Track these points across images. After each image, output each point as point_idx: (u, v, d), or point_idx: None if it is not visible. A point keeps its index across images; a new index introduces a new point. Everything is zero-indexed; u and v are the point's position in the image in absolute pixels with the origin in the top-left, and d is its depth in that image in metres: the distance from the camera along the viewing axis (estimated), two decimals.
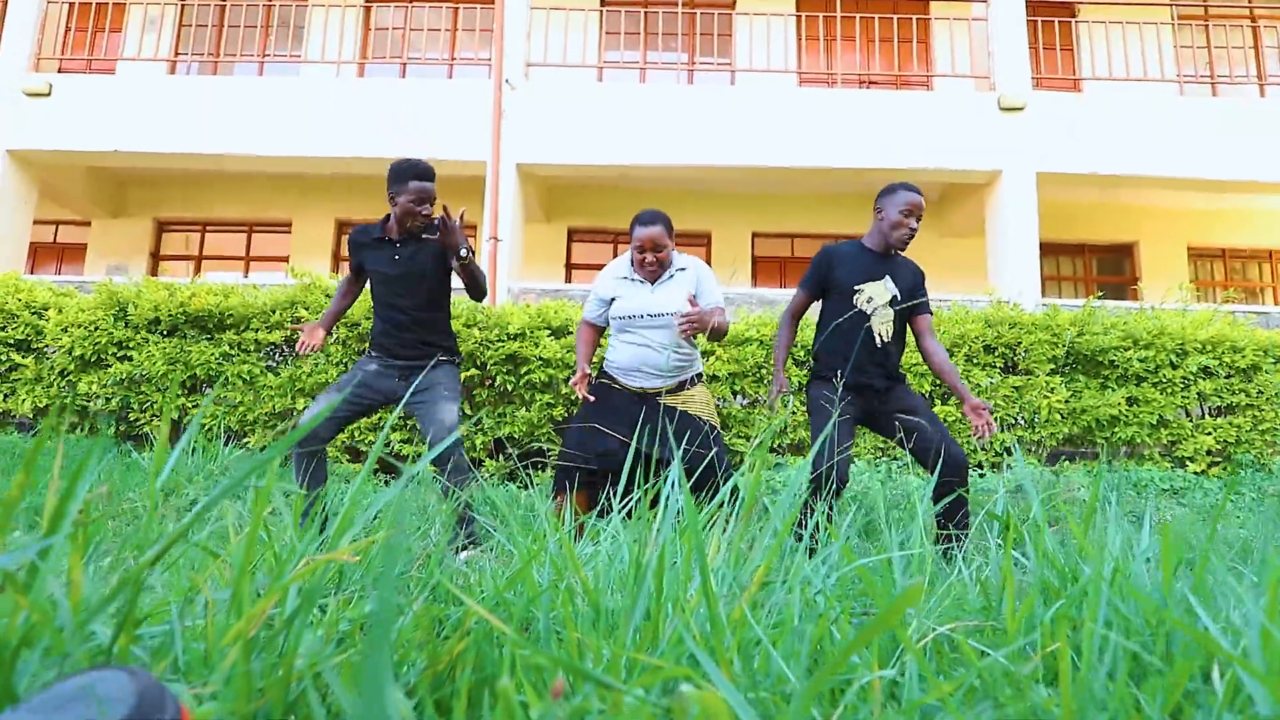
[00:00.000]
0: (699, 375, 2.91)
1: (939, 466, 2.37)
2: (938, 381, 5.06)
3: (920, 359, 4.97)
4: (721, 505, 2.83)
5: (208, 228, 9.93)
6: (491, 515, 3.61)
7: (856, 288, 2.79)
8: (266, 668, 0.62)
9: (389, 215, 2.90)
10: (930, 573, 1.13)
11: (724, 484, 2.75)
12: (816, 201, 9.18)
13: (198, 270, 9.74)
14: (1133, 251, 9.73)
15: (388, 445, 5.02)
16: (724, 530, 1.72)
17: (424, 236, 2.82)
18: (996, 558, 1.10)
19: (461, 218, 2.82)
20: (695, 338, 2.85)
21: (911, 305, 2.85)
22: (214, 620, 0.67)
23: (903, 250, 2.85)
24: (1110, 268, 9.87)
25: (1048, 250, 9.46)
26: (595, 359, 5.12)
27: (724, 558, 0.93)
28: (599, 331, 3.02)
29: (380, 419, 5.09)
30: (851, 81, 9.05)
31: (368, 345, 2.97)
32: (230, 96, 8.14)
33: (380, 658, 0.31)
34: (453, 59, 9.14)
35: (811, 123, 7.89)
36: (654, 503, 2.54)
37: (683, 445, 2.67)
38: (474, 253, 2.77)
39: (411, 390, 2.85)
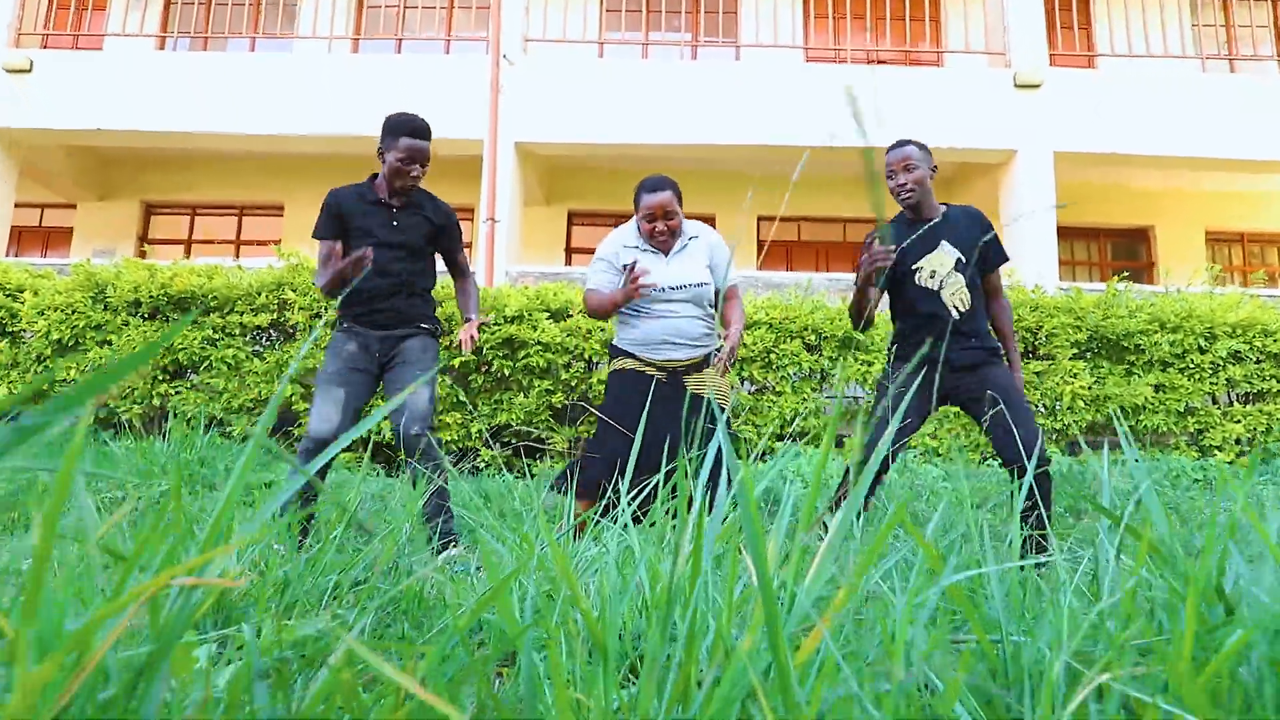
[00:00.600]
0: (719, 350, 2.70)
1: (1021, 459, 2.16)
2: None
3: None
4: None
5: (197, 211, 9.66)
6: (484, 505, 3.38)
7: (914, 267, 2.52)
8: None
9: (375, 175, 2.66)
10: (1027, 582, 0.91)
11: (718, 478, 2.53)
12: (825, 184, 8.90)
13: (187, 255, 9.48)
14: (1148, 235, 9.47)
15: (378, 433, 4.79)
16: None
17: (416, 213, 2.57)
18: (1110, 565, 0.87)
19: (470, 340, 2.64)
20: (715, 318, 2.62)
21: (981, 258, 2.55)
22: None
23: (912, 205, 2.52)
24: (1125, 252, 9.61)
25: (1061, 234, 9.19)
26: (604, 345, 4.90)
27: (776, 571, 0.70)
28: None
29: (370, 407, 4.85)
30: (860, 58, 8.76)
31: (336, 320, 2.68)
32: (219, 73, 7.86)
33: None
34: (449, 35, 8.85)
35: (818, 101, 7.61)
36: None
37: (696, 436, 2.44)
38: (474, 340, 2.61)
39: (389, 359, 2.56)
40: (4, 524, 2.48)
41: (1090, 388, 4.88)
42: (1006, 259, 2.66)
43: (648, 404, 2.45)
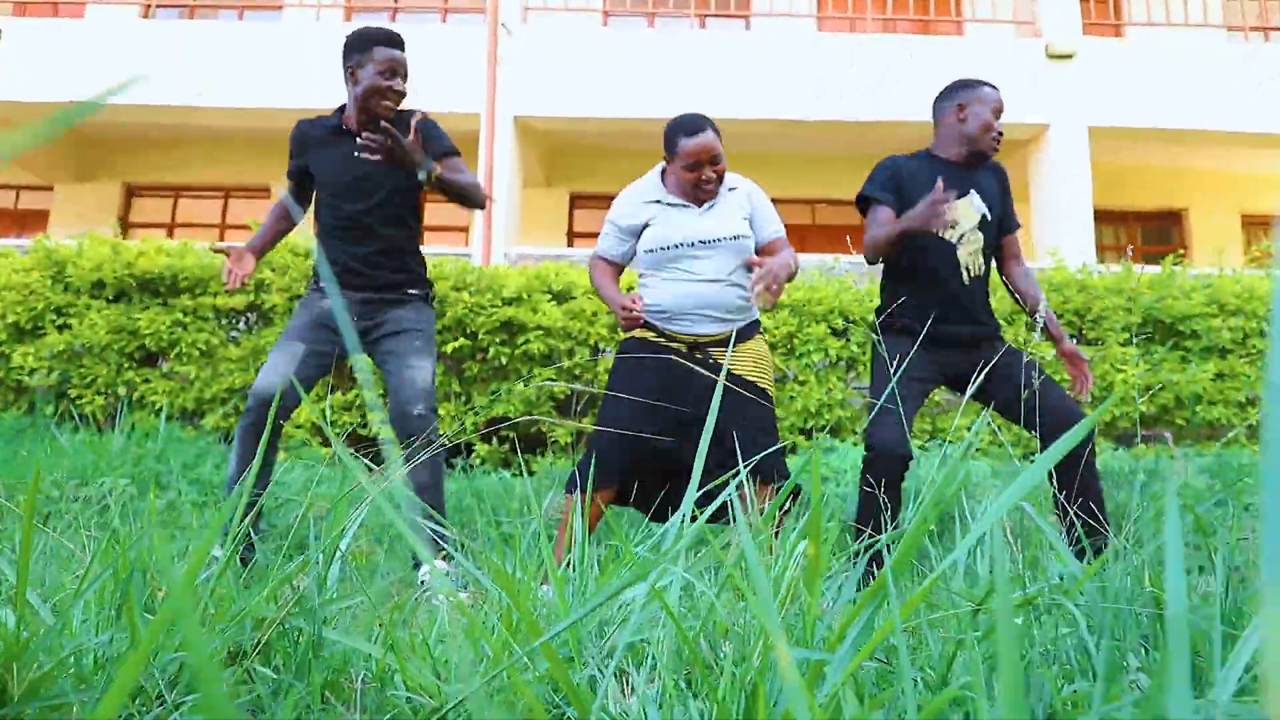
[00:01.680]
0: (758, 322, 2.25)
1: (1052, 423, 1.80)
2: None
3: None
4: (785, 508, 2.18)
5: (181, 193, 9.22)
6: (476, 506, 2.97)
7: None
8: None
9: (341, 106, 2.24)
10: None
11: (778, 476, 2.10)
12: (840, 163, 8.44)
13: (170, 238, 9.05)
14: (1182, 219, 9.02)
15: (364, 425, 4.37)
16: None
17: (368, 150, 2.12)
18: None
19: (415, 133, 2.16)
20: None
21: (1003, 218, 2.29)
22: None
23: (990, 156, 2.25)
24: (1156, 236, 9.16)
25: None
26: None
27: None
28: (618, 272, 2.31)
29: (356, 396, 4.44)
30: (876, 27, 8.28)
31: (311, 281, 2.28)
32: (205, 43, 7.43)
33: None
34: (446, 4, 8.38)
35: (833, 72, 7.17)
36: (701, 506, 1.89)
37: (734, 430, 2.03)
38: (433, 169, 2.08)
39: (376, 329, 2.16)
40: None
41: (1143, 375, 4.46)
42: (1018, 225, 2.38)
43: (660, 380, 2.03)
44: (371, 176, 2.16)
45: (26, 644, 0.66)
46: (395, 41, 2.18)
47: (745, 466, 1.97)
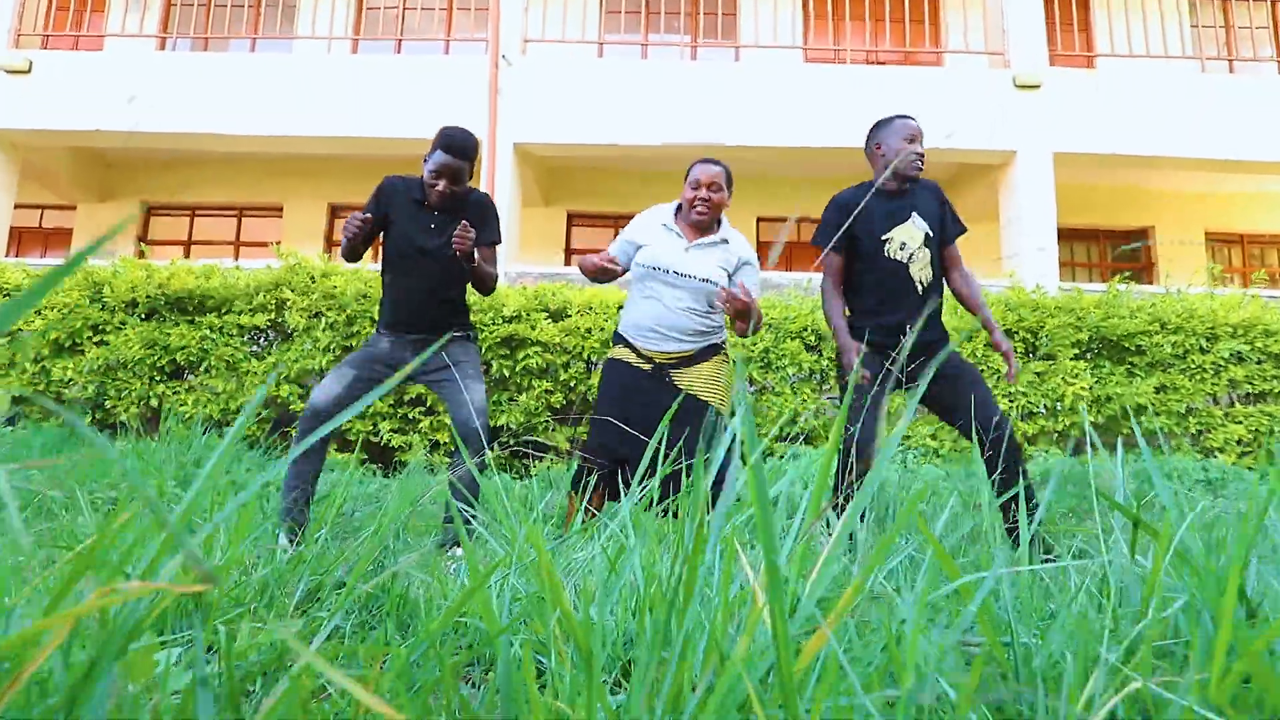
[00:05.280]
0: (721, 345, 2.64)
1: (996, 442, 2.14)
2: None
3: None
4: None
5: (197, 212, 9.65)
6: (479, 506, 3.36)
7: (884, 237, 2.50)
8: None
9: None
10: (1034, 584, 0.88)
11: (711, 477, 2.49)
12: (826, 185, 8.87)
13: (186, 255, 9.46)
14: (1148, 237, 9.44)
15: (376, 434, 4.77)
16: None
17: (458, 242, 2.52)
18: (1120, 566, 0.85)
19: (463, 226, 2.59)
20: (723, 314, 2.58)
21: (942, 232, 2.58)
22: None
23: (918, 176, 2.55)
24: (1125, 254, 9.58)
25: (1060, 235, 9.16)
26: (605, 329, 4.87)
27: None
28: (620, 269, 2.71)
29: (370, 408, 4.84)
30: (859, 58, 8.74)
31: (376, 325, 2.70)
32: (219, 74, 7.84)
33: None
34: (449, 36, 8.83)
35: (818, 101, 7.60)
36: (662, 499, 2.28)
37: (684, 434, 2.42)
38: (476, 263, 2.50)
39: (431, 365, 2.58)
40: None
41: (1091, 388, 4.86)
42: (964, 229, 2.65)
43: (629, 399, 2.44)
44: (447, 249, 2.52)
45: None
46: (453, 148, 2.46)
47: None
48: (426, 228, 2.55)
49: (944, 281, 2.66)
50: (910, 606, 0.66)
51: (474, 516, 2.52)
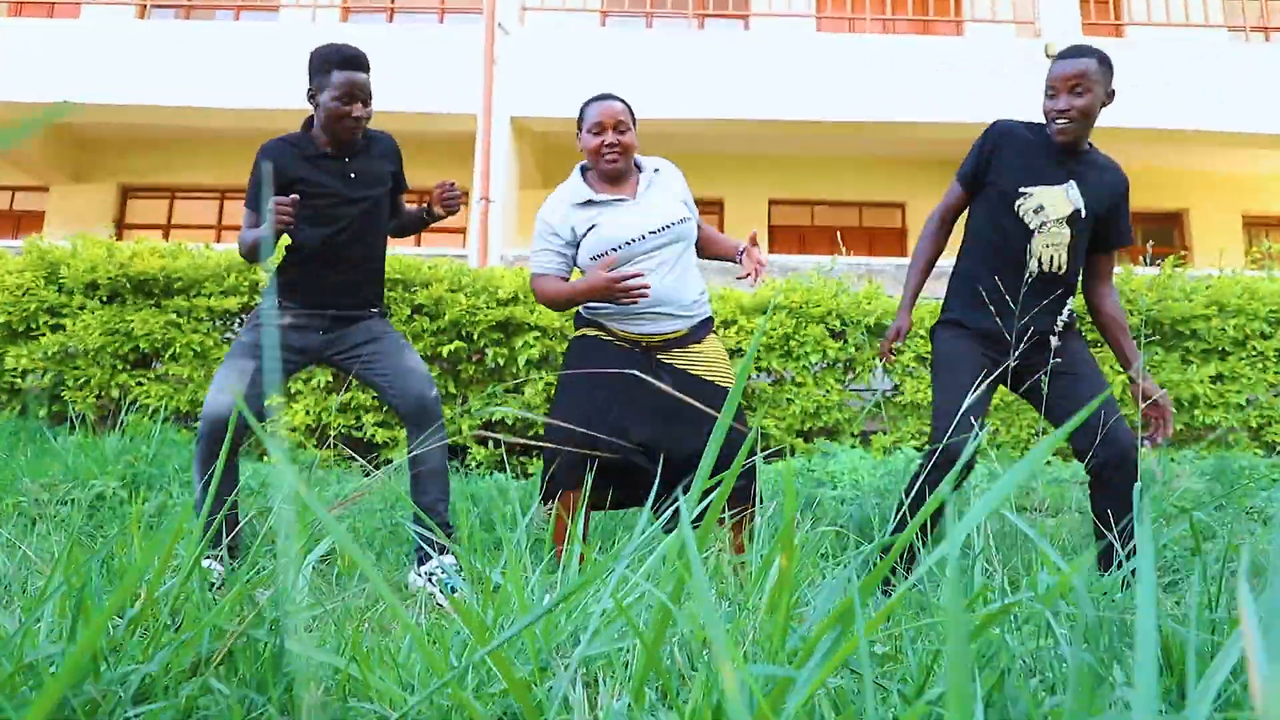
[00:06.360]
0: (710, 320, 2.16)
1: (1103, 454, 1.71)
2: None
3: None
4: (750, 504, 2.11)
5: (177, 194, 9.20)
6: (471, 509, 2.94)
7: (1022, 190, 1.98)
8: None
9: (308, 122, 2.17)
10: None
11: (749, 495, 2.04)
12: (840, 164, 8.43)
13: (166, 239, 9.02)
14: (1182, 220, 8.99)
15: (359, 428, 4.35)
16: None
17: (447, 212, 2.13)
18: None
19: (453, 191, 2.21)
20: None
21: (1100, 227, 2.04)
22: None
23: (1068, 143, 2.01)
24: (1157, 238, 9.13)
25: None
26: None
27: None
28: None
29: (352, 398, 4.41)
30: (875, 27, 8.26)
31: (269, 299, 2.26)
32: (200, 43, 7.40)
33: None
34: (443, 4, 8.35)
35: (831, 73, 7.14)
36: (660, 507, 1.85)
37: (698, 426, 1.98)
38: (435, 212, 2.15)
39: (347, 343, 2.14)
40: None
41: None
42: (1131, 241, 2.12)
43: (613, 387, 1.90)
44: (370, 198, 2.14)
45: None
46: (352, 62, 2.05)
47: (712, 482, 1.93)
48: (347, 178, 2.12)
49: (1077, 283, 2.10)
50: None
51: (447, 524, 2.11)
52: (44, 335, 4.45)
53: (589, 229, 2.06)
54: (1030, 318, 1.94)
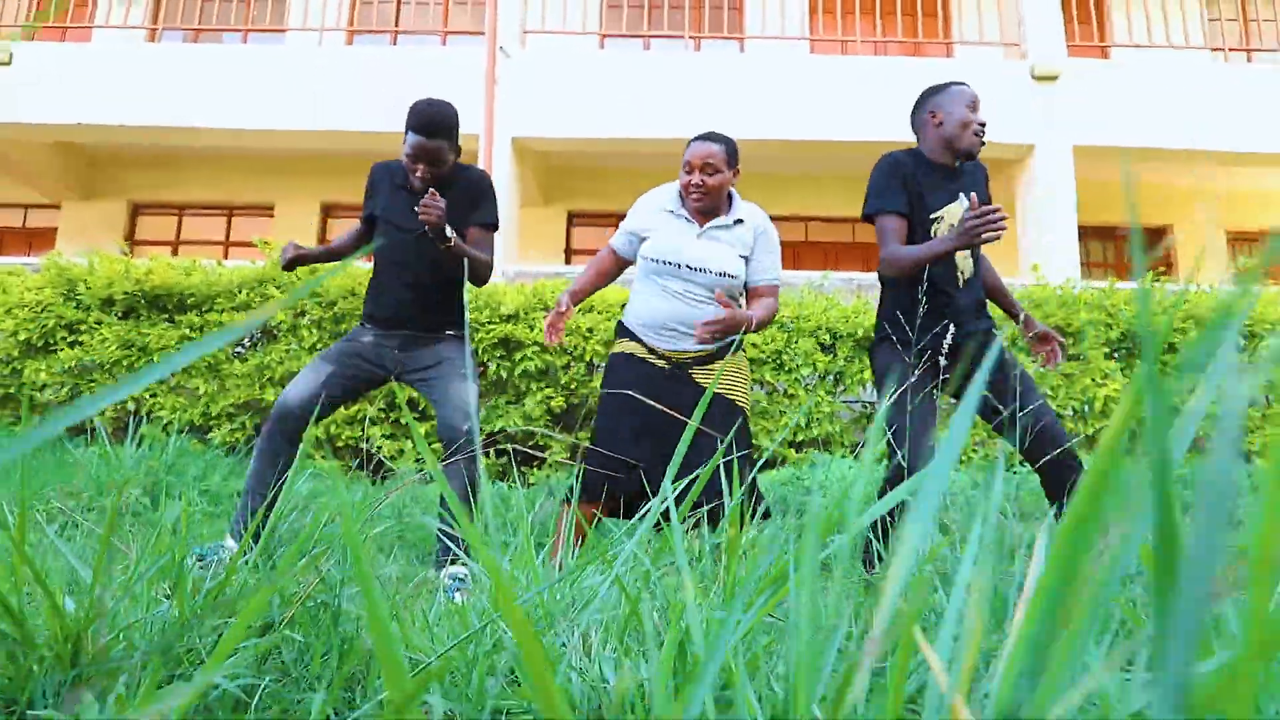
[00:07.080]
0: (740, 341, 2.34)
1: (1045, 449, 1.88)
2: None
3: None
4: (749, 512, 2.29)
5: (185, 211, 9.38)
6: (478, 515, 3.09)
7: (933, 216, 2.15)
8: None
9: None
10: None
11: (738, 483, 2.20)
12: (833, 182, 8.62)
13: (174, 256, 9.19)
14: (1167, 235, 9.18)
15: (367, 440, 4.50)
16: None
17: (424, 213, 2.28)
18: None
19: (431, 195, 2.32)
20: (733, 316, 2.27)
21: None
22: None
23: (971, 153, 2.17)
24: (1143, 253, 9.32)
25: (1078, 234, 8.91)
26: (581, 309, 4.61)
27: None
28: (619, 267, 2.43)
29: (359, 411, 4.57)
30: (867, 49, 8.48)
31: (360, 318, 2.45)
32: (208, 66, 7.59)
33: None
34: (445, 27, 8.57)
35: (824, 93, 7.35)
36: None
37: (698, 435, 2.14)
38: (450, 241, 2.17)
39: (417, 364, 2.31)
40: None
41: (1125, 389, 4.59)
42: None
43: (639, 414, 2.09)
44: (405, 232, 2.30)
45: (91, 620, 0.79)
46: (425, 127, 2.18)
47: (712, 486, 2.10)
48: (408, 211, 2.29)
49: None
50: None
51: (455, 538, 2.25)
52: (62, 350, 4.61)
53: (652, 231, 2.32)
54: (964, 321, 2.16)
